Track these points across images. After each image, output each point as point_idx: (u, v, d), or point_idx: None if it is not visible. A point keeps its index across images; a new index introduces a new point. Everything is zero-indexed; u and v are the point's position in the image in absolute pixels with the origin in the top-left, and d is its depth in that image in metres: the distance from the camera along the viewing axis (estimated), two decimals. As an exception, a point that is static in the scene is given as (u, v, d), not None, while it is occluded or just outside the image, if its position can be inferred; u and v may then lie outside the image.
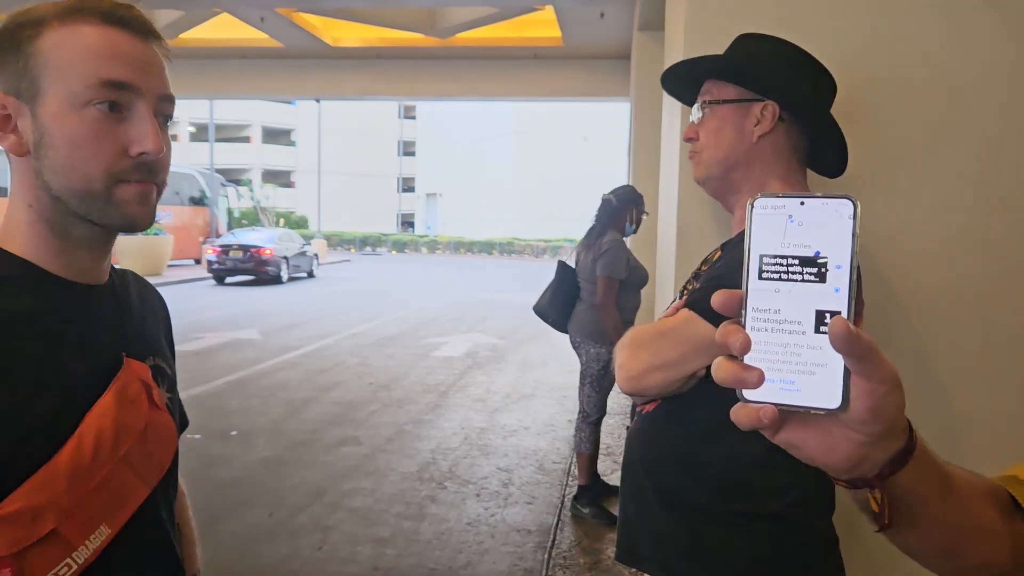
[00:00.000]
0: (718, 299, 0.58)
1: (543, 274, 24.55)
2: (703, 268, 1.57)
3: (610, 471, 5.13)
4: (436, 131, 51.69)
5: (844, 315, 0.53)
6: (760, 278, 0.56)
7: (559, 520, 4.56)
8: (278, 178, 54.34)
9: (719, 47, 1.56)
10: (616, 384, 1.45)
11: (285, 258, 21.14)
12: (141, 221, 1.01)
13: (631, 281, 4.48)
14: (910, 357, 1.73)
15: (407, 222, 60.20)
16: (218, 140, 42.14)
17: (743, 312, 0.57)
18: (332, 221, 45.86)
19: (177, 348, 1.21)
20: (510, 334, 12.26)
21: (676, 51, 1.90)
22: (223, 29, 13.96)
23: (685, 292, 1.61)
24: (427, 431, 6.45)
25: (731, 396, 1.37)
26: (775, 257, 0.56)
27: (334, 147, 49.86)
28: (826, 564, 1.45)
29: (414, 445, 6.05)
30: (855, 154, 1.55)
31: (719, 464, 1.40)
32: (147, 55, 0.98)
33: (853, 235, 0.54)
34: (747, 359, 0.56)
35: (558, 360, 9.90)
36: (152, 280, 14.38)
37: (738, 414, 0.58)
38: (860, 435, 0.57)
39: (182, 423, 1.25)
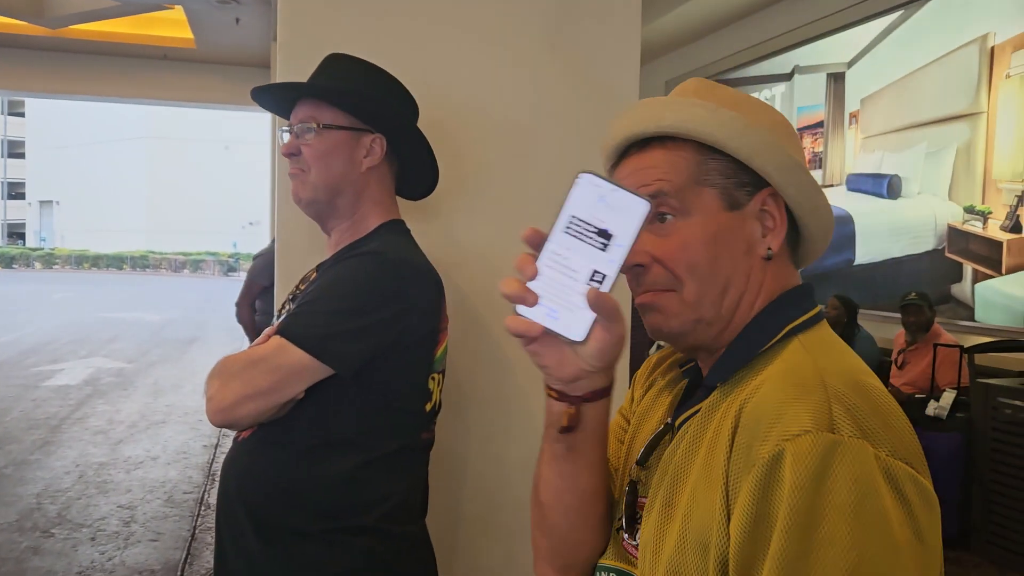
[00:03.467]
0: (527, 233, 0.74)
1: (183, 290, 22.99)
2: (300, 287, 1.58)
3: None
4: (51, 131, 45.56)
5: (611, 279, 0.71)
6: (564, 231, 0.72)
7: (188, 554, 4.27)
8: None
9: (310, 68, 1.58)
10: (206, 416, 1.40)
11: None
12: None
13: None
14: (492, 368, 1.91)
15: (16, 233, 52.24)
16: None
17: (541, 249, 0.73)
18: (-87, 232, 38.27)
19: None
20: (140, 357, 11.24)
21: (281, 62, 1.90)
22: None
23: (281, 313, 1.61)
24: (32, 473, 5.65)
25: (327, 417, 1.38)
26: (581, 221, 0.72)
27: (-86, 143, 41.69)
28: (420, 564, 1.54)
29: (14, 490, 5.26)
30: (441, 177, 1.67)
31: (313, 485, 1.41)
32: None
33: (638, 227, 0.71)
34: (530, 285, 0.72)
35: (195, 382, 9.29)
36: None
37: (513, 322, 0.73)
38: (585, 364, 0.76)
39: None
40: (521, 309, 0.72)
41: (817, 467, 0.65)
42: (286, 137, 1.54)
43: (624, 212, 0.71)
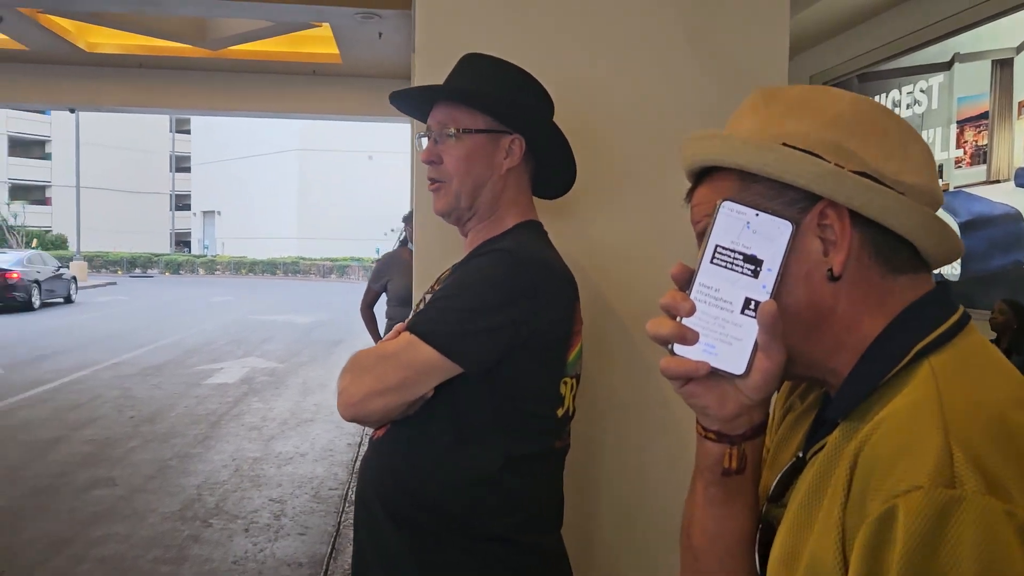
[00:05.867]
0: (675, 269, 0.74)
1: (330, 294, 24.16)
2: (435, 287, 1.58)
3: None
4: (213, 146, 49.01)
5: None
6: (711, 262, 0.71)
7: (333, 549, 4.43)
8: (31, 194, 49.04)
9: (447, 72, 1.58)
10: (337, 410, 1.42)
11: (36, 282, 19.08)
12: None
13: (388, 293, 4.77)
14: (631, 373, 1.84)
15: (182, 241, 56.51)
16: (-46, 150, 37.38)
17: (691, 284, 0.71)
18: (96, 241, 42.04)
19: None
20: (291, 357, 11.83)
21: (417, 69, 1.92)
22: (-47, 27, 12.40)
23: (414, 312, 1.62)
24: (194, 465, 6.04)
25: (461, 415, 1.37)
26: (727, 249, 0.71)
27: (97, 160, 45.76)
28: (556, 578, 1.50)
29: (178, 482, 5.64)
30: (579, 180, 1.63)
31: (445, 487, 1.40)
32: None
33: (787, 249, 0.69)
34: (685, 322, 0.70)
35: (340, 383, 9.67)
36: None
37: (674, 364, 0.71)
38: (746, 398, 0.72)
39: None
40: (678, 348, 0.70)
41: (931, 530, 0.56)
42: (424, 143, 1.53)
43: (769, 235, 0.70)
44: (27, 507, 5.05)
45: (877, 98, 5.61)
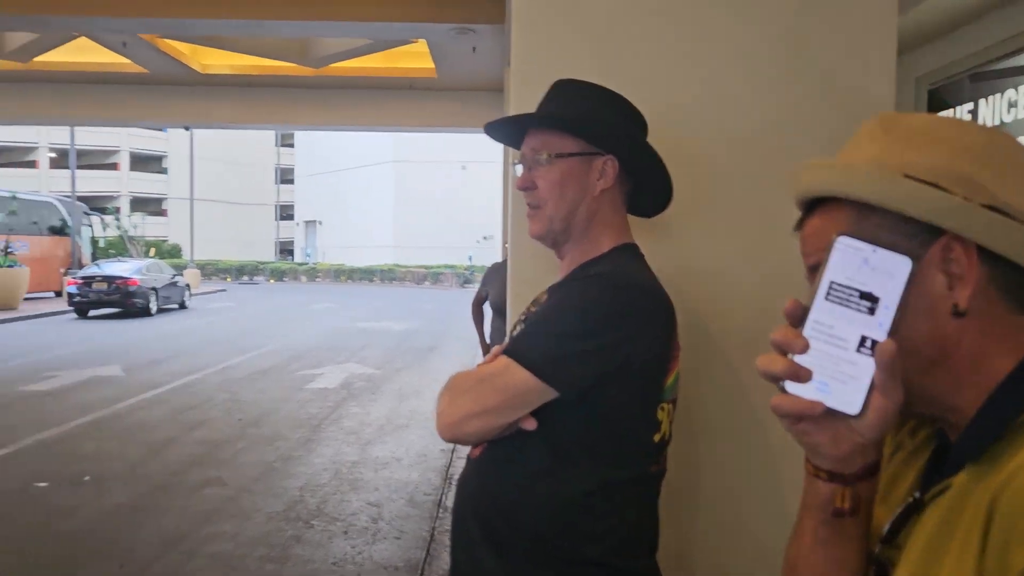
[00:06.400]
0: (789, 306, 0.71)
1: (423, 301, 24.54)
2: (531, 309, 1.62)
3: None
4: (314, 159, 50.76)
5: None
6: (826, 298, 0.69)
7: (428, 555, 4.53)
8: (149, 206, 51.94)
9: (542, 92, 1.62)
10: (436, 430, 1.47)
11: (154, 289, 20.20)
12: None
13: (492, 303, 4.85)
14: (727, 395, 1.83)
15: (286, 250, 58.70)
16: (82, 167, 39.95)
17: (805, 320, 0.70)
18: (207, 250, 44.16)
19: (28, 388, 1.13)
20: (387, 363, 12.13)
21: (511, 88, 1.97)
22: (82, 53, 13.30)
23: (511, 334, 1.66)
24: (297, 468, 6.29)
25: (556, 439, 1.40)
26: (843, 286, 0.69)
27: (209, 174, 48.16)
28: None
29: (282, 483, 5.88)
30: (675, 199, 1.63)
31: (541, 509, 1.42)
32: None
33: (906, 286, 0.67)
34: (798, 359, 0.69)
35: (433, 389, 9.82)
36: (6, 315, 13.52)
37: (787, 403, 0.69)
38: (861, 438, 0.70)
39: None
40: (790, 386, 0.69)
41: None
42: (519, 170, 1.57)
43: (887, 272, 0.68)
44: (145, 504, 5.37)
45: (991, 99, 5.33)
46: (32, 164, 48.92)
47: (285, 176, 58.11)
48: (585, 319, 1.40)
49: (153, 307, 20.02)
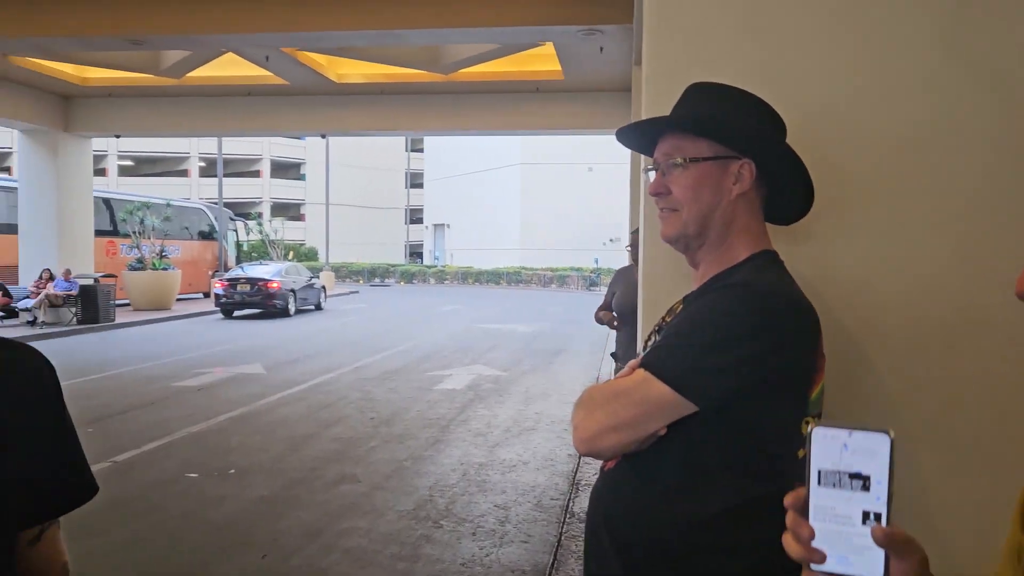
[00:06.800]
0: (789, 500, 0.78)
1: (550, 303, 24.59)
2: (666, 319, 1.57)
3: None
4: (443, 163, 52.03)
5: (884, 516, 0.73)
6: (819, 485, 0.75)
7: (555, 560, 4.51)
8: (287, 211, 54.72)
9: (676, 94, 1.57)
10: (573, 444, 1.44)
11: (292, 291, 21.23)
12: None
13: (617, 308, 4.84)
14: (875, 406, 1.72)
15: (415, 252, 60.44)
16: (228, 175, 42.54)
17: (807, 507, 0.75)
18: (341, 253, 46.08)
19: (180, 384, 1.21)
20: (513, 365, 12.23)
21: (644, 90, 1.92)
22: (229, 67, 14.16)
23: (647, 344, 1.61)
24: (426, 467, 6.42)
25: (694, 454, 1.36)
26: (831, 472, 0.74)
27: (343, 180, 50.24)
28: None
29: (413, 482, 6.02)
30: (816, 203, 1.55)
31: (678, 525, 1.38)
32: None
33: (890, 459, 0.72)
34: (814, 542, 0.75)
35: (560, 392, 9.86)
36: (161, 315, 14.50)
37: None
38: None
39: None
40: (814, 566, 0.75)
41: None
42: (652, 176, 1.53)
43: (870, 450, 0.72)
44: (285, 497, 5.62)
45: None
46: (184, 173, 52.54)
47: (415, 180, 59.90)
48: (725, 330, 1.35)
49: (292, 308, 21.04)
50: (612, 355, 5.12)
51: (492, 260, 42.40)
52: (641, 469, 1.42)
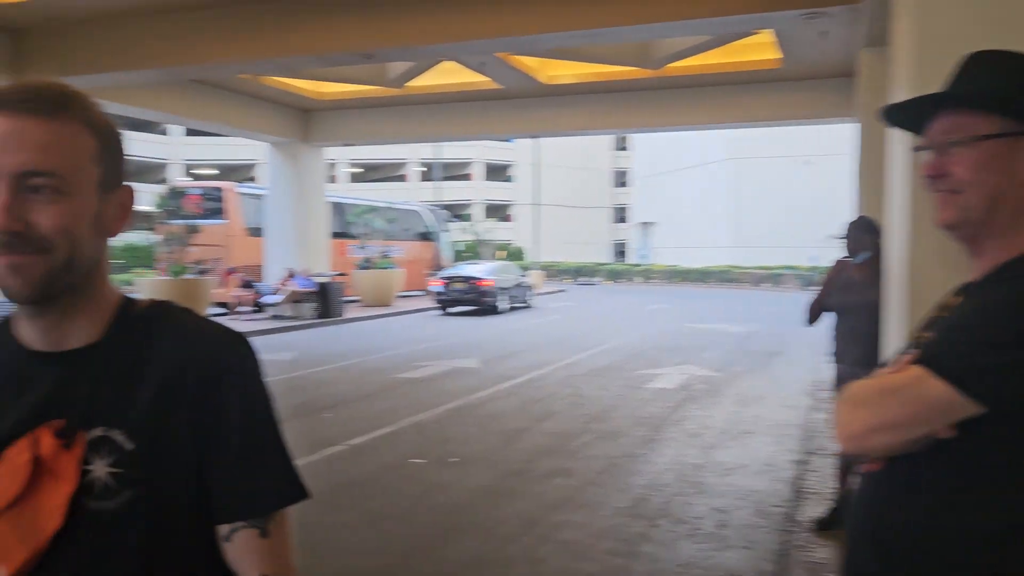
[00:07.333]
0: None
1: (762, 303, 23.62)
2: (939, 315, 1.43)
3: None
4: (650, 160, 51.55)
5: None
6: None
7: (780, 570, 4.31)
8: (497, 212, 56.62)
9: (951, 62, 1.43)
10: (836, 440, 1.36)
11: (504, 289, 21.93)
12: (11, 292, 1.00)
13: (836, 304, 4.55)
14: None
15: (621, 251, 60.35)
16: (443, 178, 44.75)
17: None
18: (548, 252, 46.98)
19: (404, 375, 1.25)
20: (726, 366, 11.85)
21: (903, 68, 1.76)
22: (446, 75, 14.88)
23: (915, 341, 1.48)
24: (639, 465, 6.38)
25: (973, 462, 1.24)
26: None
27: (550, 180, 51.25)
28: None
29: (626, 479, 6.00)
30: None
31: (951, 540, 1.25)
32: (7, 132, 0.98)
33: None
34: None
35: (778, 395, 9.42)
36: (384, 311, 15.60)
37: None
38: None
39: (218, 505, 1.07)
40: None
41: None
42: (925, 156, 1.40)
43: None
44: (503, 487, 5.80)
45: None
46: (402, 178, 55.88)
47: (620, 179, 59.82)
48: (1018, 325, 1.20)
49: (503, 306, 21.74)
50: (833, 354, 4.72)
51: (700, 259, 41.38)
52: (911, 474, 1.30)
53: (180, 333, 1.09)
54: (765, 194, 41.66)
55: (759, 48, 12.65)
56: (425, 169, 53.52)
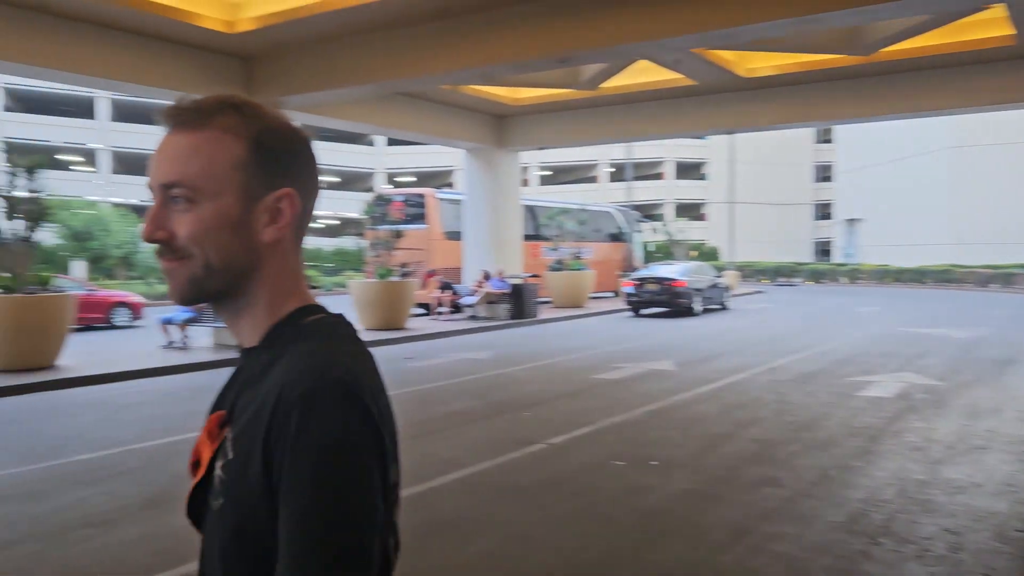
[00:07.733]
0: None
1: (988, 305, 21.63)
2: None
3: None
4: (856, 153, 48.30)
5: None
6: None
7: (1028, 601, 3.87)
8: (689, 211, 55.38)
9: None
10: None
11: (698, 290, 21.40)
12: (170, 294, 1.08)
13: None
14: None
15: (823, 250, 57.02)
16: (634, 178, 44.41)
17: None
18: (744, 251, 45.29)
19: (599, 376, 1.16)
20: (951, 375, 10.84)
21: None
22: (639, 74, 14.74)
23: None
24: (855, 478, 5.96)
25: None
26: None
27: (745, 177, 49.36)
28: None
29: (841, 492, 5.63)
30: None
31: None
32: (159, 147, 1.05)
33: None
34: None
35: (1017, 408, 8.49)
36: (576, 312, 15.88)
37: None
38: None
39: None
40: None
41: None
42: None
43: None
44: (708, 493, 5.64)
45: None
46: (593, 179, 56.01)
47: (823, 173, 56.57)
48: None
49: (697, 307, 21.20)
50: None
51: (914, 257, 38.25)
52: None
53: (293, 357, 1.00)
54: (992, 185, 37.80)
55: (988, 25, 11.50)
56: (614, 170, 53.39)
